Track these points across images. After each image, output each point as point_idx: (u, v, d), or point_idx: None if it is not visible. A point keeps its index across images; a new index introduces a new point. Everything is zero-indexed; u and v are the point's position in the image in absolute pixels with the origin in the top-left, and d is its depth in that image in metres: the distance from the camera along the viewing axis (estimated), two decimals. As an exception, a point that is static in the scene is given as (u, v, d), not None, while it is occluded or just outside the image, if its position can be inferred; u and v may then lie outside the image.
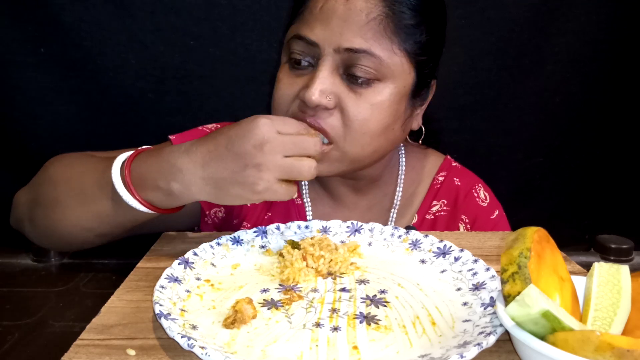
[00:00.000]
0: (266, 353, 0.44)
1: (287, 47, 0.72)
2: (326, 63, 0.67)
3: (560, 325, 0.38)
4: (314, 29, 0.68)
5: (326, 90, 0.67)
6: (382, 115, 0.70)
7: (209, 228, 0.83)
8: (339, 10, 0.67)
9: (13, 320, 0.58)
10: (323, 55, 0.68)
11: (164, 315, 0.45)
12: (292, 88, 0.70)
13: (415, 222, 0.84)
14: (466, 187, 0.86)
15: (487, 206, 0.85)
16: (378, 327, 0.49)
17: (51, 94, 1.10)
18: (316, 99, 0.66)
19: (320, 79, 0.67)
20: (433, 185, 0.86)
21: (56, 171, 0.70)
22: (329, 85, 0.67)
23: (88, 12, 1.05)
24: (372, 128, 0.69)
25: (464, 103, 1.18)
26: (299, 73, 0.70)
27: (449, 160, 0.90)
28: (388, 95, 0.69)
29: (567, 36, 1.14)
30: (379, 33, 0.67)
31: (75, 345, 0.45)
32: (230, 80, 1.13)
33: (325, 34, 0.67)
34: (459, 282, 0.57)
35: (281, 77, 0.72)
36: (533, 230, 0.46)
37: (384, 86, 0.69)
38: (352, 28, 0.66)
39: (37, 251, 0.75)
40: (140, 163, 0.62)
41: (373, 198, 0.85)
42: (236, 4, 1.09)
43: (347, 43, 0.66)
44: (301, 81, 0.70)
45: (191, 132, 0.82)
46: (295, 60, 0.70)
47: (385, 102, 0.69)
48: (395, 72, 0.69)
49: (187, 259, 0.58)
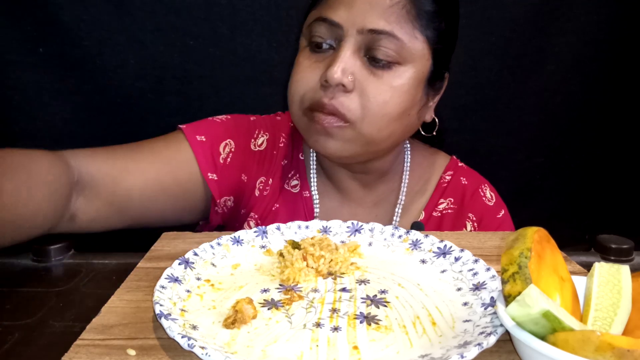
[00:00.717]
0: (266, 353, 0.44)
1: (307, 31, 0.73)
2: (349, 44, 0.69)
3: (560, 326, 0.38)
4: (338, 10, 0.69)
5: (347, 70, 0.68)
6: (401, 99, 0.71)
7: (218, 217, 0.84)
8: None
9: (13, 320, 0.57)
10: (346, 36, 0.69)
11: (164, 315, 0.45)
12: (313, 71, 0.71)
13: (422, 218, 0.85)
14: (473, 186, 0.87)
15: (493, 205, 0.86)
16: (378, 327, 0.49)
17: (50, 93, 1.09)
18: (338, 77, 0.67)
19: (343, 58, 0.68)
20: (440, 183, 0.87)
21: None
22: (351, 65, 0.68)
23: (87, 11, 1.05)
24: (390, 111, 0.71)
25: (465, 103, 1.18)
26: (320, 57, 0.71)
27: (456, 160, 0.91)
28: (407, 79, 0.71)
29: (567, 36, 1.14)
30: (401, 16, 0.68)
31: (76, 345, 0.45)
32: (230, 80, 1.13)
33: (349, 15, 0.68)
34: (460, 282, 0.57)
35: (301, 61, 0.73)
36: (533, 231, 0.46)
37: (404, 70, 0.70)
38: (376, 10, 0.67)
39: (37, 251, 0.75)
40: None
41: (381, 193, 0.86)
42: (236, 4, 1.09)
43: (370, 24, 0.67)
44: (322, 65, 0.70)
45: (202, 123, 0.83)
46: (316, 43, 0.71)
47: (404, 86, 0.71)
48: (415, 56, 0.70)
49: (187, 259, 0.58)
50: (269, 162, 0.85)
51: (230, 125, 0.83)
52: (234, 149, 0.82)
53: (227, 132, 0.82)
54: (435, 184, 0.88)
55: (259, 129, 0.85)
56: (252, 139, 0.84)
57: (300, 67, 0.73)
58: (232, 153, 0.81)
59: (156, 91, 1.12)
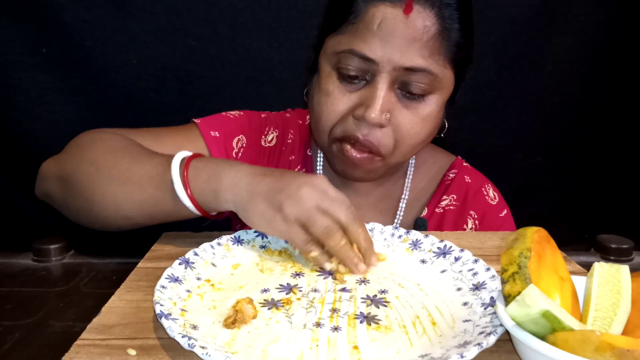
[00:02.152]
0: (266, 353, 0.45)
1: (334, 57, 0.71)
2: (384, 81, 0.68)
3: (560, 325, 0.38)
4: (372, 45, 0.67)
5: (385, 109, 0.69)
6: (430, 126, 0.73)
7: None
8: (399, 29, 0.66)
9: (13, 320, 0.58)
10: (381, 72, 0.68)
11: (164, 315, 0.46)
12: (345, 103, 0.71)
13: (425, 214, 0.85)
14: (476, 185, 0.87)
15: (496, 205, 0.86)
16: (378, 327, 0.49)
17: (52, 94, 1.10)
18: (377, 118, 0.68)
19: (381, 97, 0.68)
20: (444, 180, 0.88)
21: (96, 151, 0.69)
22: (387, 102, 0.69)
23: (89, 12, 1.05)
24: (420, 139, 0.73)
25: (464, 103, 1.17)
26: (351, 87, 0.71)
27: (460, 160, 0.92)
28: (436, 106, 0.72)
29: (566, 36, 1.14)
30: (435, 50, 0.68)
31: (76, 345, 0.45)
32: (231, 80, 1.14)
33: (385, 52, 0.67)
34: (459, 282, 0.57)
35: (331, 90, 0.72)
36: (533, 230, 0.46)
37: (434, 98, 0.72)
38: (413, 47, 0.67)
39: (37, 251, 0.75)
40: (199, 168, 0.62)
41: (386, 189, 0.87)
42: (236, 4, 1.09)
43: (408, 62, 0.67)
44: (355, 97, 0.70)
45: (216, 118, 0.83)
46: (347, 74, 0.70)
47: (434, 112, 0.72)
48: (445, 84, 0.71)
49: (187, 259, 0.58)
50: (277, 157, 0.86)
51: (242, 121, 0.84)
52: (246, 144, 0.83)
53: (240, 127, 0.83)
54: (439, 181, 0.88)
55: (270, 125, 0.87)
56: (263, 135, 0.86)
57: (331, 97, 0.71)
58: (243, 148, 0.82)
59: (157, 91, 1.13)
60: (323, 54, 0.74)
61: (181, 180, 0.61)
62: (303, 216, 0.57)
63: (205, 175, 0.61)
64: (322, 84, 0.73)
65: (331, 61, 0.72)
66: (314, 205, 0.57)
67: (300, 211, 0.57)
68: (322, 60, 0.74)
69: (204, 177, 0.61)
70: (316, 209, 0.57)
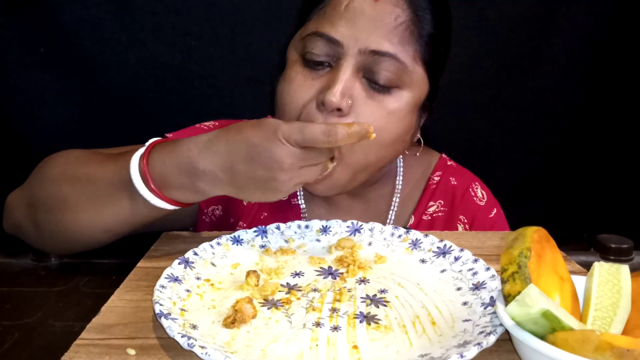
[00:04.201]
0: (266, 352, 0.45)
1: (300, 44, 0.68)
2: (348, 64, 0.64)
3: (560, 325, 0.38)
4: (338, 27, 0.64)
5: (346, 93, 0.64)
6: (397, 125, 0.68)
7: (206, 226, 0.82)
8: (367, 11, 0.64)
9: (13, 320, 0.58)
10: (346, 55, 0.64)
11: (164, 315, 0.46)
12: (308, 90, 0.66)
13: (411, 223, 0.82)
14: (463, 186, 0.84)
15: (484, 205, 0.84)
16: (378, 326, 0.49)
17: (50, 93, 1.10)
18: (337, 101, 0.63)
19: (343, 80, 0.63)
20: (429, 185, 0.84)
21: (58, 171, 0.65)
22: (350, 87, 0.64)
23: (88, 11, 1.05)
24: (384, 137, 0.67)
25: (462, 102, 1.18)
26: (315, 74, 0.67)
27: (445, 159, 0.88)
28: (405, 104, 0.67)
29: (565, 36, 1.14)
30: (404, 38, 0.65)
31: (76, 345, 0.45)
32: (230, 80, 1.14)
33: (351, 34, 0.64)
34: (459, 282, 0.57)
35: (293, 76, 0.68)
36: (533, 230, 0.46)
37: (402, 94, 0.67)
38: (381, 30, 0.64)
39: (37, 251, 0.75)
40: (158, 163, 0.58)
41: (369, 201, 0.83)
42: (236, 3, 1.09)
43: (374, 45, 0.63)
44: (318, 83, 0.66)
45: (189, 130, 0.81)
46: (311, 59, 0.66)
47: (402, 111, 0.67)
48: (414, 80, 0.67)
49: (187, 259, 0.58)
50: None
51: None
52: None
53: None
54: (424, 186, 0.84)
55: None
56: None
57: (294, 84, 0.67)
58: None
59: (157, 91, 1.13)
60: (291, 45, 0.71)
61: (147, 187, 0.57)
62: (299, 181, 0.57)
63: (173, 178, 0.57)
64: (286, 72, 0.69)
65: (297, 49, 0.69)
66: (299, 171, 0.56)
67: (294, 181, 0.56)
68: (289, 52, 0.71)
69: (173, 180, 0.57)
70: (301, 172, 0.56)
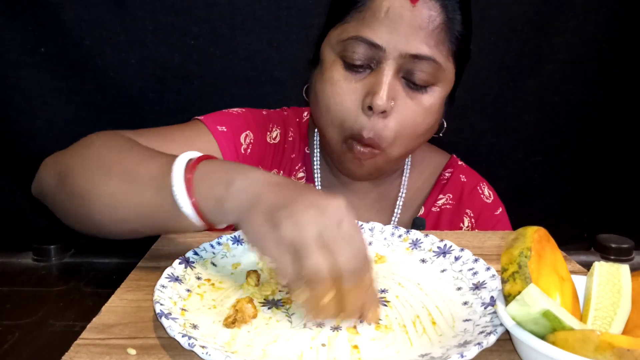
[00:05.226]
0: (267, 352, 0.45)
1: (339, 45, 0.71)
2: (390, 67, 0.69)
3: (560, 325, 0.38)
4: (379, 32, 0.68)
5: (390, 96, 0.69)
6: (431, 119, 0.73)
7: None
8: (406, 16, 0.67)
9: (13, 320, 0.58)
10: (387, 59, 0.69)
11: (164, 315, 0.46)
12: (353, 93, 0.70)
13: (422, 213, 0.86)
14: (471, 183, 0.88)
15: (491, 203, 0.87)
16: (378, 326, 0.49)
17: (50, 93, 1.10)
18: (384, 105, 0.68)
19: (387, 84, 0.68)
20: (440, 180, 0.88)
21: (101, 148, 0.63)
22: (393, 90, 0.69)
23: (88, 11, 1.05)
24: (420, 131, 0.73)
25: (464, 102, 1.18)
26: (357, 77, 0.71)
27: (456, 159, 0.92)
28: (438, 99, 0.72)
29: (566, 36, 1.14)
30: (439, 40, 0.69)
31: (76, 345, 0.45)
32: (230, 80, 1.14)
33: (392, 39, 0.68)
34: (459, 282, 0.57)
35: (337, 79, 0.71)
36: (533, 230, 0.46)
37: (437, 90, 0.72)
38: (419, 35, 0.68)
39: (37, 251, 0.75)
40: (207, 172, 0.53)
41: (383, 189, 0.87)
42: (236, 3, 1.09)
43: (414, 49, 0.68)
44: (360, 86, 0.70)
45: (219, 114, 0.83)
46: (352, 62, 0.70)
47: (435, 105, 0.72)
48: (447, 77, 0.72)
49: (187, 259, 0.58)
50: (280, 155, 0.86)
51: (247, 117, 0.84)
52: (253, 140, 0.83)
53: (246, 123, 0.83)
54: (435, 180, 0.89)
55: (273, 122, 0.87)
56: (268, 132, 0.86)
57: (338, 87, 0.71)
58: (251, 144, 0.82)
59: (157, 91, 1.13)
60: (327, 44, 0.74)
61: (184, 184, 0.52)
62: (298, 243, 0.45)
63: (213, 180, 0.52)
64: (327, 74, 0.72)
65: (335, 50, 0.72)
66: (315, 233, 0.45)
67: (296, 236, 0.45)
68: (325, 51, 0.74)
69: (211, 182, 0.52)
70: (315, 239, 0.45)
